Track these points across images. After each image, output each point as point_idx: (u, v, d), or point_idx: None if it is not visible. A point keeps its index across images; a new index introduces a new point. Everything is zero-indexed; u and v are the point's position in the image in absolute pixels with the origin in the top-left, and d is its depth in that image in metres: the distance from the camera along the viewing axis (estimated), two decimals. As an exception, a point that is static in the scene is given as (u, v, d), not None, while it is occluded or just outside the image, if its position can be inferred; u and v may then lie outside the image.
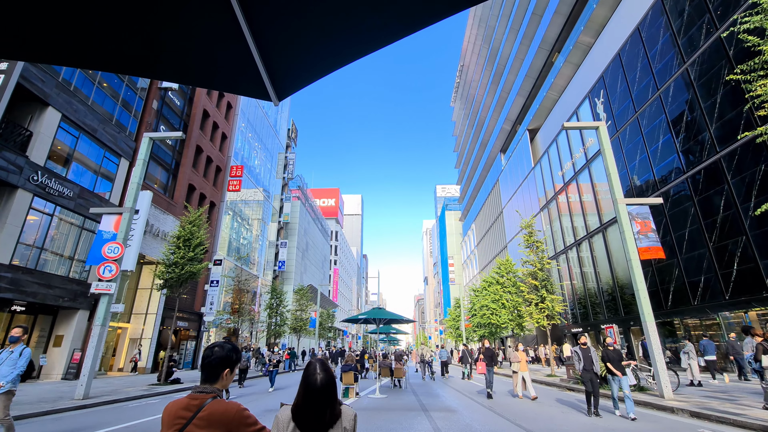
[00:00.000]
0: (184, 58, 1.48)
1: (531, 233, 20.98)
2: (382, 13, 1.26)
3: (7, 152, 13.85)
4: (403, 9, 1.24)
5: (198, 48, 1.43)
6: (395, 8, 1.24)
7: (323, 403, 1.73)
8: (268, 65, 1.45)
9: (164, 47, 1.42)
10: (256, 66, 1.43)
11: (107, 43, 1.40)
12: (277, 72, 1.49)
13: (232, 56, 1.43)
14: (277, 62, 1.45)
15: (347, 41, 1.36)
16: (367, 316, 13.84)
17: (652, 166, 19.20)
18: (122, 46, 1.42)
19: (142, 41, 1.39)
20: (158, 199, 22.09)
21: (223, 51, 1.44)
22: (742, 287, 14.36)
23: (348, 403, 10.45)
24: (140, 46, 1.41)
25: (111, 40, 1.39)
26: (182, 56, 1.47)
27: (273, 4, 1.28)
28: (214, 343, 2.05)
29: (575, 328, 27.99)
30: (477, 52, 55.39)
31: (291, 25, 1.32)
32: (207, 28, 1.34)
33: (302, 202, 56.78)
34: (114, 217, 12.12)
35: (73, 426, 7.15)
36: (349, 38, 1.34)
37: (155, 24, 1.32)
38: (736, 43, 14.25)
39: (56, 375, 16.02)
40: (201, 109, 27.30)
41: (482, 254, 58.70)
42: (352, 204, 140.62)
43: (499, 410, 9.12)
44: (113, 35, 1.36)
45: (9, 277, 13.89)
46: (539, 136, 35.86)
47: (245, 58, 1.41)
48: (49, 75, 15.62)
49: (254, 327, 34.32)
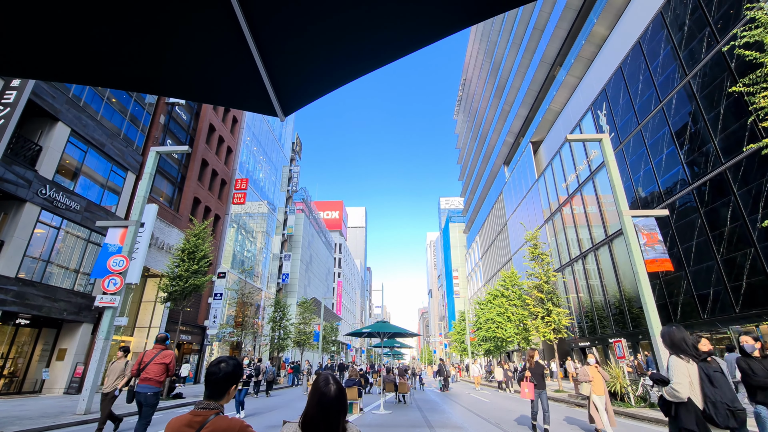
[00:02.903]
0: (191, 75, 1.51)
1: (536, 245, 20.85)
2: (388, 30, 1.28)
3: (17, 166, 14.06)
4: (409, 26, 1.27)
5: (205, 65, 1.46)
6: (401, 25, 1.26)
7: (336, 413, 1.71)
8: (274, 81, 1.47)
9: (171, 64, 1.45)
10: (262, 82, 1.46)
11: (114, 60, 1.43)
12: (284, 88, 1.51)
13: (239, 73, 1.46)
14: (284, 78, 1.47)
15: (353, 57, 1.38)
16: (371, 329, 13.71)
17: (656, 178, 19.13)
18: (129, 64, 1.45)
19: (148, 58, 1.42)
20: (163, 212, 22.25)
21: (230, 67, 1.46)
22: (752, 300, 14.11)
23: (352, 419, 10.27)
24: (147, 63, 1.44)
25: (118, 58, 1.42)
26: (189, 73, 1.49)
27: (280, 22, 1.30)
28: (219, 359, 2.03)
29: (582, 342, 27.53)
30: (479, 66, 56.05)
31: (298, 41, 1.35)
32: (214, 46, 1.37)
33: (306, 214, 56.94)
34: (120, 230, 12.19)
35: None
36: (355, 54, 1.37)
37: (162, 41, 1.35)
38: (737, 56, 14.33)
39: (58, 389, 15.92)
40: (207, 123, 27.69)
41: (487, 266, 58.30)
42: (356, 216, 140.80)
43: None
44: (120, 52, 1.39)
45: (15, 291, 13.94)
46: (542, 149, 35.94)
47: (252, 75, 1.44)
48: (59, 91, 15.95)
49: (257, 340, 34.07)
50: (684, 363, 3.38)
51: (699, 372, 3.38)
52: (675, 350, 3.49)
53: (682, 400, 3.30)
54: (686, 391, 3.27)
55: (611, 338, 19.85)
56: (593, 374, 8.15)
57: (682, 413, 3.32)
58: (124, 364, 7.80)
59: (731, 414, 3.20)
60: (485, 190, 58.48)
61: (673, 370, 3.38)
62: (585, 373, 8.29)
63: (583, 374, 8.31)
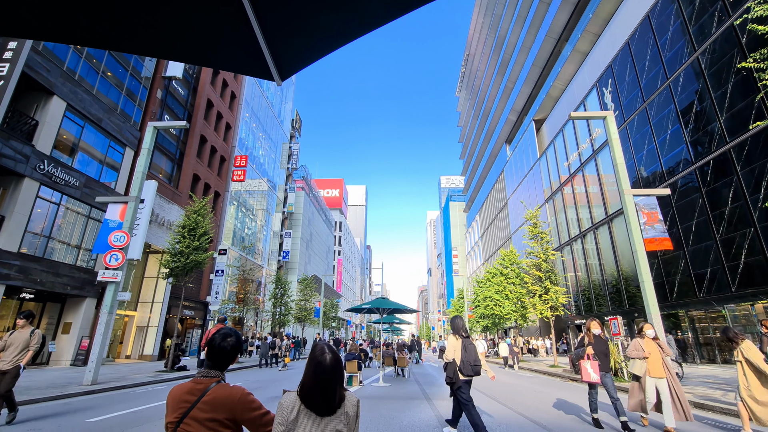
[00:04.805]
0: (186, 36, 1.45)
1: (536, 224, 20.88)
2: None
3: (14, 141, 13.91)
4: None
5: (199, 26, 1.40)
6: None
7: (333, 381, 1.76)
8: (270, 42, 1.42)
9: (165, 24, 1.39)
10: (258, 43, 1.40)
11: (109, 20, 1.37)
12: (280, 49, 1.45)
13: (234, 33, 1.40)
14: (280, 39, 1.41)
15: (350, 16, 1.32)
16: (371, 305, 13.90)
17: (659, 157, 18.96)
18: (123, 24, 1.39)
19: (142, 18, 1.36)
20: (163, 189, 22.18)
21: (224, 28, 1.40)
22: (749, 280, 14.25)
23: (352, 390, 10.57)
24: (140, 23, 1.38)
25: (113, 18, 1.36)
26: (184, 34, 1.43)
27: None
28: (225, 333, 2.08)
29: (578, 320, 28.01)
30: (483, 41, 54.62)
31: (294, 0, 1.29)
32: (208, 5, 1.31)
33: (306, 192, 56.81)
34: (119, 206, 12.18)
35: (82, 410, 7.29)
36: (352, 13, 1.30)
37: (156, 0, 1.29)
38: (749, 31, 13.92)
39: (65, 361, 16.31)
40: (205, 98, 27.23)
41: (486, 245, 58.63)
42: (357, 195, 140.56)
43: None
44: (115, 12, 1.33)
45: (18, 265, 14.07)
46: (545, 127, 35.48)
47: (247, 35, 1.38)
48: (53, 64, 15.60)
49: (259, 316, 34.67)
50: (455, 339, 5.60)
51: (461, 345, 5.49)
52: (454, 331, 5.66)
53: (449, 361, 5.53)
54: (451, 355, 5.50)
55: (607, 316, 20.15)
56: (650, 349, 6.16)
57: (449, 367, 5.57)
58: (30, 334, 6.14)
59: (472, 367, 5.35)
60: (486, 169, 58.11)
61: (447, 344, 5.66)
62: (637, 346, 6.27)
63: (635, 348, 6.29)
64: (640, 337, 6.38)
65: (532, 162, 37.64)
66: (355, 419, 1.83)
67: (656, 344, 6.20)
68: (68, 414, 6.90)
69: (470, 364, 5.35)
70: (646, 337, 6.30)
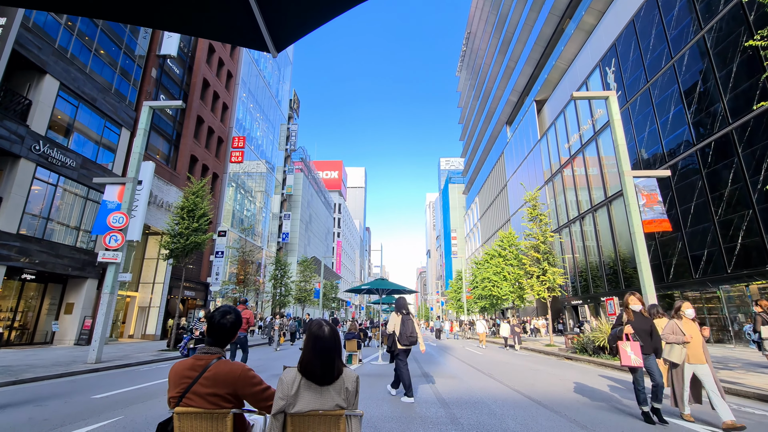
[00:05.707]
0: (179, 5, 1.39)
1: (535, 206, 20.89)
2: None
3: (8, 121, 13.72)
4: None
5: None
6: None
7: (331, 351, 1.81)
8: (264, 11, 1.37)
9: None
10: (252, 11, 1.35)
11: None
12: (275, 18, 1.40)
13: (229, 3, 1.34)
14: (275, 7, 1.36)
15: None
16: (370, 286, 14.02)
17: (661, 139, 18.81)
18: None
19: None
20: (161, 170, 22.03)
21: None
22: (745, 261, 14.37)
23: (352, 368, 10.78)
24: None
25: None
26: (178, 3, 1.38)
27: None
28: (225, 311, 2.12)
29: (575, 300, 28.37)
30: (484, 19, 53.33)
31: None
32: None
33: (305, 174, 56.54)
34: (117, 187, 12.11)
35: (87, 387, 7.43)
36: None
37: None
38: (757, 7, 13.59)
39: (69, 341, 16.55)
40: (201, 78, 26.73)
41: (485, 227, 58.81)
42: (356, 177, 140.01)
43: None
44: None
45: (18, 246, 14.10)
46: (546, 108, 35.05)
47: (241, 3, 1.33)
48: (45, 41, 15.23)
49: (259, 297, 35.05)
50: (396, 316, 6.74)
51: (401, 320, 6.62)
52: (397, 309, 6.85)
53: (390, 333, 6.73)
54: (392, 328, 6.69)
55: (603, 297, 20.42)
56: (691, 332, 5.23)
57: (390, 339, 6.78)
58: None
59: (408, 338, 6.53)
60: (486, 151, 57.70)
61: (389, 318, 6.90)
62: (675, 329, 5.32)
63: (672, 331, 5.34)
64: (677, 318, 5.44)
65: (532, 143, 37.35)
66: (354, 394, 1.87)
67: (697, 325, 5.34)
68: (74, 391, 7.04)
69: (407, 336, 6.54)
70: (684, 318, 5.37)
